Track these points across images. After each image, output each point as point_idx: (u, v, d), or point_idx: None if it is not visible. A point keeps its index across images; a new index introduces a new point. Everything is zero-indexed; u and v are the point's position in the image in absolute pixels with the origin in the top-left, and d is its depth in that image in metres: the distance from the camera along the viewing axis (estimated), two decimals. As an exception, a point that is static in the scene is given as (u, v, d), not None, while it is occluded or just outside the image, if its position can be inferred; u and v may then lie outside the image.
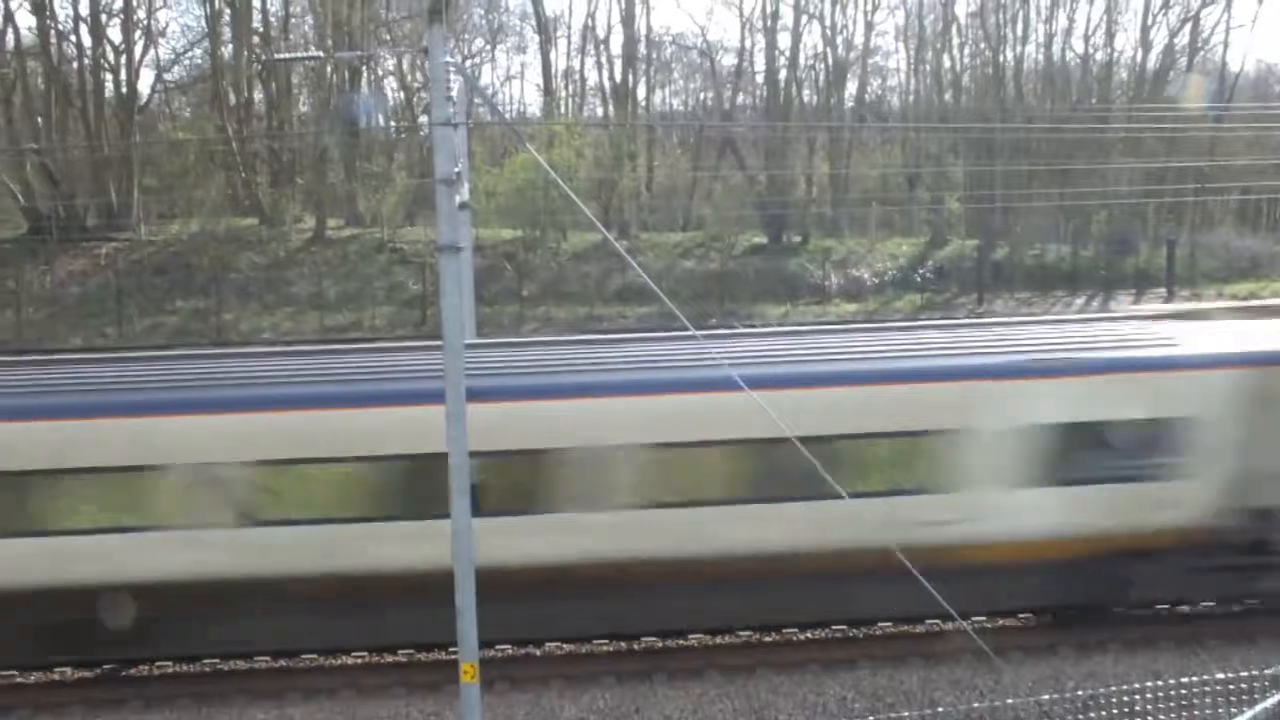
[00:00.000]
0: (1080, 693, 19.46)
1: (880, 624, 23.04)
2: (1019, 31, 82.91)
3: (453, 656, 16.98)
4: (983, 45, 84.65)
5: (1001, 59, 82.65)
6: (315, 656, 22.00)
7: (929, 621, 22.41)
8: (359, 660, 21.91)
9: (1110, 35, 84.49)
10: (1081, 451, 21.37)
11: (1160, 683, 17.83)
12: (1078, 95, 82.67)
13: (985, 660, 19.45)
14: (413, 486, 20.31)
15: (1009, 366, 21.48)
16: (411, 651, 22.01)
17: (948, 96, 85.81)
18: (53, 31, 72.05)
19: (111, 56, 74.44)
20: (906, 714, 18.89)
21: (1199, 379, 21.78)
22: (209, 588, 20.14)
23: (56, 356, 28.53)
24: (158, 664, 21.88)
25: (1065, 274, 71.30)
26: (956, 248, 74.54)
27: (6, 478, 20.02)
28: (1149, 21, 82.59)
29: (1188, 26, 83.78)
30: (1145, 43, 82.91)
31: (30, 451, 19.96)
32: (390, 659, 22.10)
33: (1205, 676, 17.72)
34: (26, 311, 59.71)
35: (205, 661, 21.85)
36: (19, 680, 21.55)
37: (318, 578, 20.37)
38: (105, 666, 21.79)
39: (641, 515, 20.80)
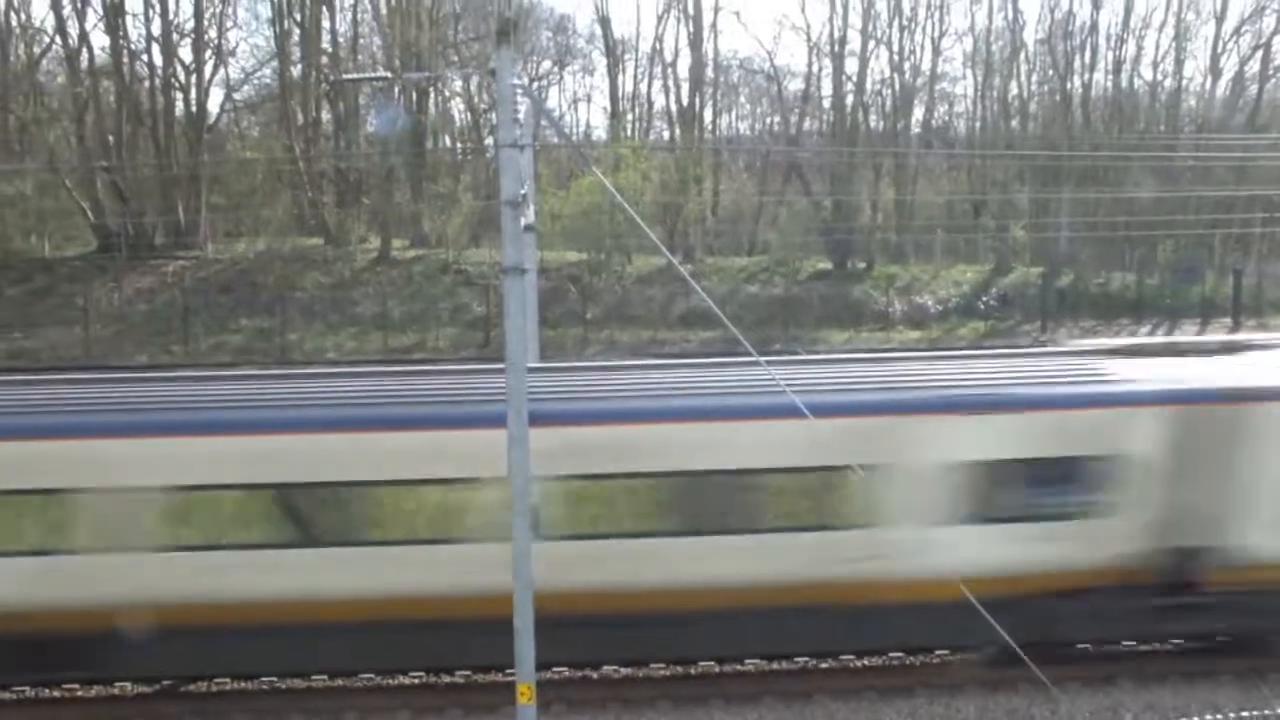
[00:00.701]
0: (1139, 725, 19.36)
1: (938, 652, 22.81)
2: (1087, 59, 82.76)
3: (510, 678, 17.04)
4: (1051, 72, 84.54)
5: (1069, 86, 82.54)
6: (372, 676, 21.99)
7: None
8: (416, 680, 21.91)
9: (1179, 62, 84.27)
10: None
11: (1219, 716, 17.73)
12: (1145, 123, 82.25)
13: (1043, 690, 19.32)
14: None
15: None
16: (469, 673, 21.96)
17: (1015, 123, 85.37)
18: (125, 51, 72.93)
19: (182, 76, 75.20)
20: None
21: None
22: None
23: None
24: (215, 680, 21.95)
25: (1130, 303, 70.77)
26: (1021, 275, 74.08)
27: None
28: (1219, 49, 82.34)
29: (1259, 54, 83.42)
30: (1215, 70, 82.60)
31: None
32: (447, 679, 22.07)
33: (1265, 711, 17.58)
34: (94, 328, 60.29)
35: (262, 679, 21.90)
36: (79, 694, 21.68)
37: None
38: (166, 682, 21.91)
39: None
